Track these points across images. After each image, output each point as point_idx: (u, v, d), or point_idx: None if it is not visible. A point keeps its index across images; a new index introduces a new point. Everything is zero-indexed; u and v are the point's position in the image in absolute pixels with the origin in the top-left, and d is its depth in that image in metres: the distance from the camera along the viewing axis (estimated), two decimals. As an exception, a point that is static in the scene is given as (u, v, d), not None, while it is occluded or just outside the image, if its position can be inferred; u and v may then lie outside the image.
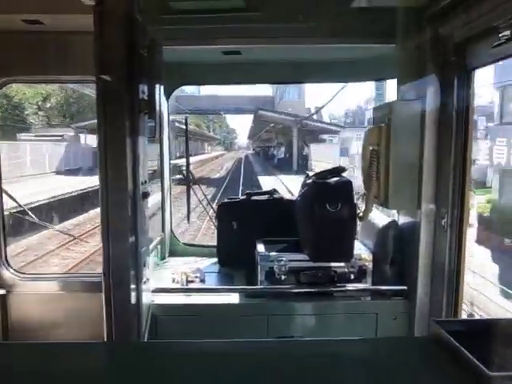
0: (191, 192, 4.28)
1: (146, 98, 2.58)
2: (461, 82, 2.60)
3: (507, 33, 2.08)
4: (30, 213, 4.76)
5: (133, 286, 2.61)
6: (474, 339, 1.12)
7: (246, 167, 37.32)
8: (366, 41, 3.16)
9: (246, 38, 3.17)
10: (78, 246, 12.02)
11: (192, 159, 4.52)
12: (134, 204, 2.55)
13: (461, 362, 1.06)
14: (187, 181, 4.30)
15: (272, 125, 34.80)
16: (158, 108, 2.64)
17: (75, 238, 11.34)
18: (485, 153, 13.21)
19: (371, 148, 2.92)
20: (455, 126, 2.63)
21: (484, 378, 0.98)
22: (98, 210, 2.63)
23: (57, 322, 3.27)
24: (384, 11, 2.90)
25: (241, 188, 20.91)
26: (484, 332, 1.19)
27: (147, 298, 2.84)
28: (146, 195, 2.73)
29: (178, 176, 4.74)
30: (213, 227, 3.94)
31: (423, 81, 2.81)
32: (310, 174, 3.35)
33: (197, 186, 4.65)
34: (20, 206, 4.48)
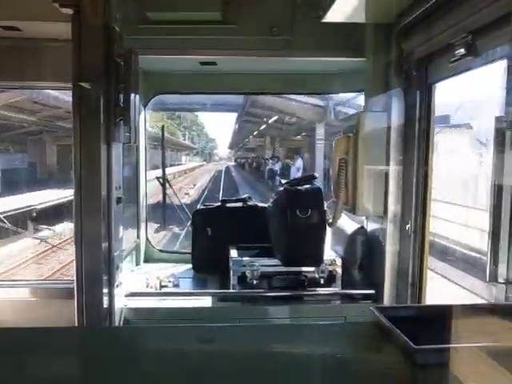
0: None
1: (121, 104, 2.64)
2: (422, 95, 2.77)
3: (462, 50, 2.24)
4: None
5: (105, 291, 2.64)
6: (409, 322, 1.28)
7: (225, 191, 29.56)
8: (338, 54, 3.31)
9: (222, 50, 3.27)
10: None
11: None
12: (107, 209, 2.60)
13: (393, 340, 1.23)
14: (163, 188, 4.36)
15: (273, 119, 20.65)
16: (133, 114, 2.71)
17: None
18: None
19: (340, 157, 3.05)
20: (417, 138, 2.79)
21: (410, 350, 1.17)
22: None
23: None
24: (355, 27, 3.06)
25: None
26: (418, 316, 1.38)
27: (120, 302, 2.87)
28: (119, 200, 2.78)
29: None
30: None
31: (389, 94, 2.97)
32: (283, 181, 3.47)
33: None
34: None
